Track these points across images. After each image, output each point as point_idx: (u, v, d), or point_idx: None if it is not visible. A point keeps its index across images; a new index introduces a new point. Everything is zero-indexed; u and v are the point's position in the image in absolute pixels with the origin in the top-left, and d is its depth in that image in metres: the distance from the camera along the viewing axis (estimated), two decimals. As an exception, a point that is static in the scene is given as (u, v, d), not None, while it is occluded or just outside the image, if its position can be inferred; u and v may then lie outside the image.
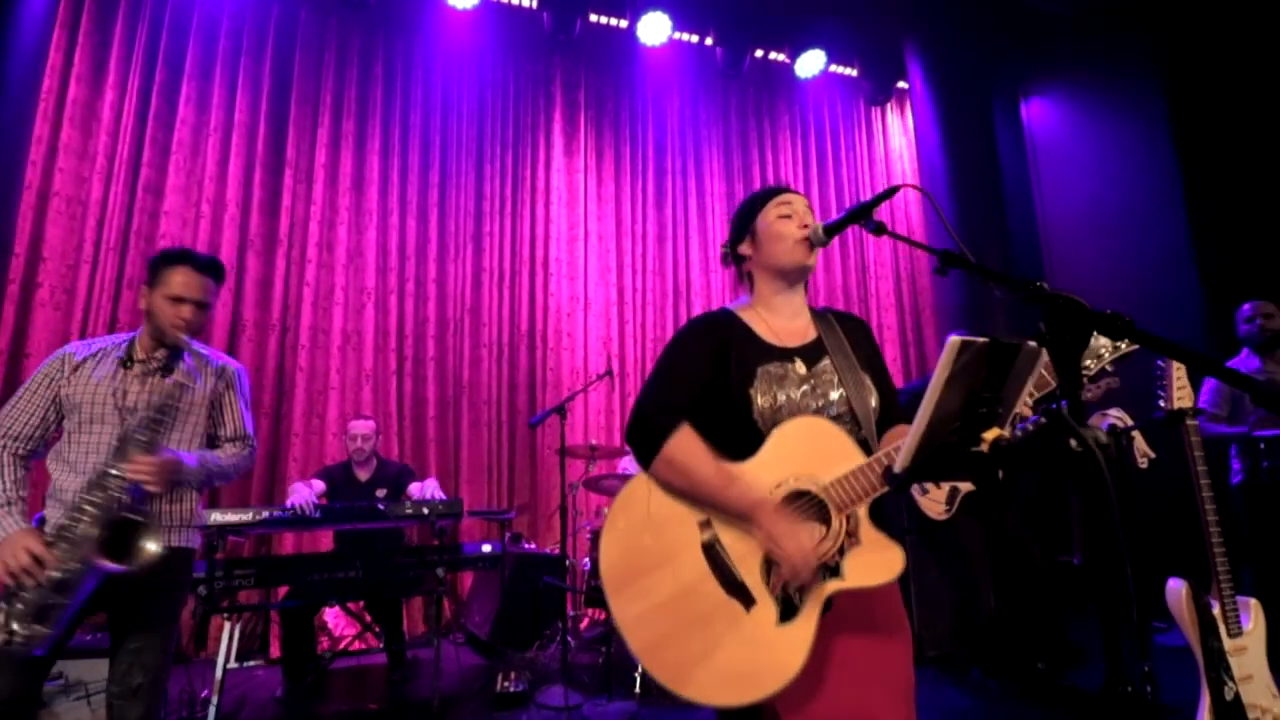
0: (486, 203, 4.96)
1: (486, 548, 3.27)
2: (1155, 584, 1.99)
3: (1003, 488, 3.29)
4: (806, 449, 1.19)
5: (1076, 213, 5.13)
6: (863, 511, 1.15)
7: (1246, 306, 3.30)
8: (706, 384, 1.29)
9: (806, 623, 1.11)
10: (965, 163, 4.84)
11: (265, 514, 2.80)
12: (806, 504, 1.17)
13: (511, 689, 3.13)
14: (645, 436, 1.23)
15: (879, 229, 1.26)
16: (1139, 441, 1.60)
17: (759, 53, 5.47)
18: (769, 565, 1.14)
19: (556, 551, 4.23)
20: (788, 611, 1.12)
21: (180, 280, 1.77)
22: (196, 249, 4.01)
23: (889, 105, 6.18)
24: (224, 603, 2.82)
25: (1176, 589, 1.71)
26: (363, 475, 3.61)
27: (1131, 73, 4.73)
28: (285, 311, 4.32)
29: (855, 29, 5.46)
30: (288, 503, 2.87)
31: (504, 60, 5.15)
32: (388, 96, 4.78)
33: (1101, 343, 1.11)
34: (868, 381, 1.30)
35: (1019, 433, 1.07)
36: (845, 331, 1.37)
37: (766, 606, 1.13)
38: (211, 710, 2.64)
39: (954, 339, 1.03)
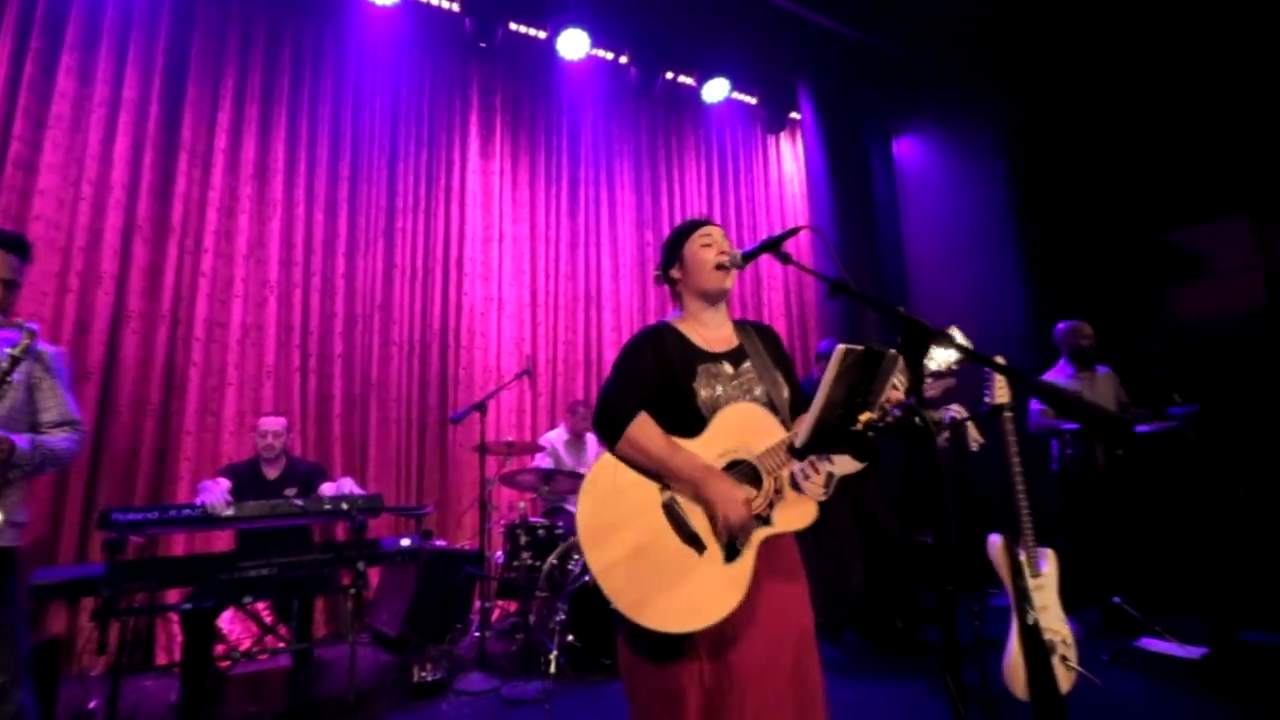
0: (399, 199, 4.93)
1: (406, 542, 3.33)
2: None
3: (867, 473, 3.81)
4: (742, 428, 1.51)
5: (934, 237, 5.92)
6: (786, 474, 1.48)
7: (1064, 325, 4.03)
8: (655, 381, 1.56)
9: (746, 562, 1.41)
10: (846, 190, 5.46)
11: (173, 512, 2.72)
12: (744, 469, 1.49)
13: (429, 678, 3.21)
14: (611, 424, 1.49)
15: (785, 259, 1.58)
16: (971, 429, 2.04)
17: (669, 75, 5.84)
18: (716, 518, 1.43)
19: (467, 547, 4.33)
20: (731, 554, 1.42)
21: None
22: (75, 232, 3.79)
23: (782, 134, 6.77)
24: (122, 604, 2.70)
25: (995, 541, 2.21)
26: (271, 473, 3.54)
27: (979, 121, 5.56)
28: (177, 303, 4.09)
29: (756, 62, 5.98)
30: (197, 500, 2.80)
31: (421, 59, 5.15)
32: (295, 85, 4.64)
33: (946, 349, 1.47)
34: (780, 379, 1.63)
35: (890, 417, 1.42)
36: (760, 339, 1.69)
37: (715, 551, 1.42)
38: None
39: (841, 346, 1.36)
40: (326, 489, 3.40)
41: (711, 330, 1.65)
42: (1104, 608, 3.72)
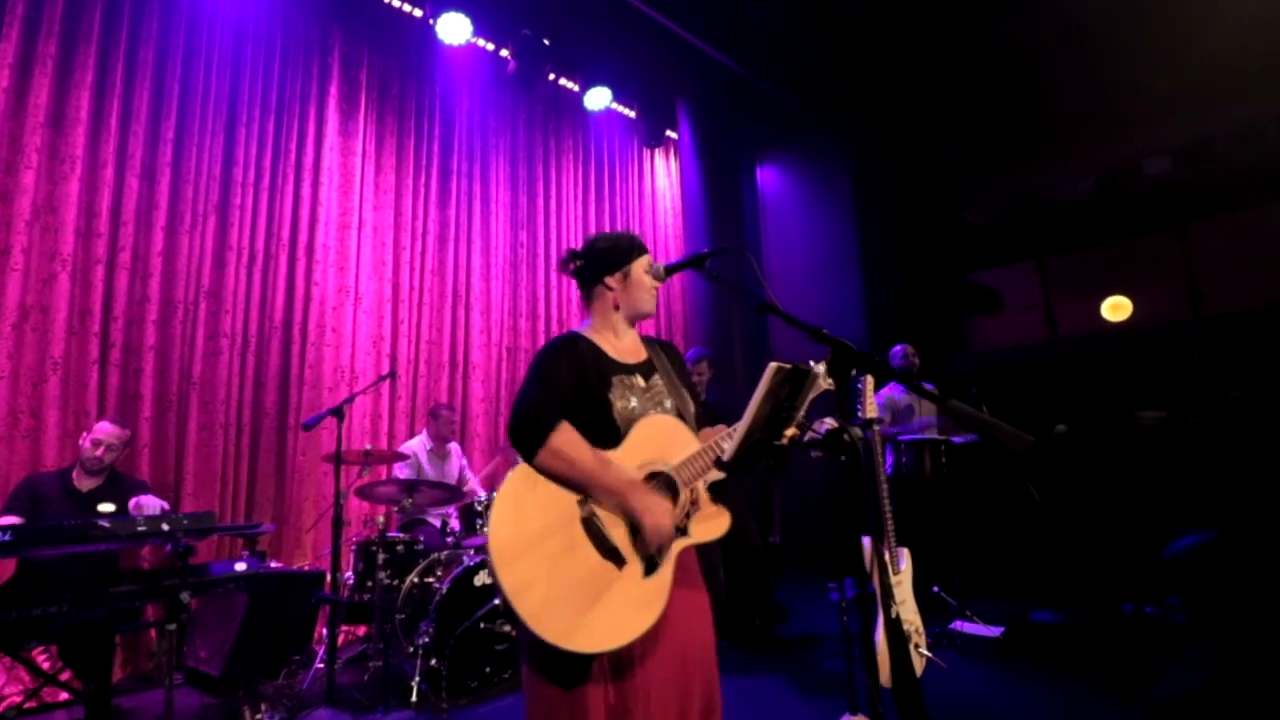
0: (238, 170, 4.31)
1: (241, 566, 2.89)
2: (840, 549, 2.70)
3: (729, 481, 4.02)
4: (659, 440, 1.51)
5: (789, 262, 6.42)
6: (702, 485, 1.49)
7: (898, 348, 4.56)
8: (572, 389, 1.51)
9: (664, 575, 1.40)
10: (719, 209, 5.73)
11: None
12: (660, 481, 1.48)
13: (266, 721, 2.82)
14: (530, 433, 1.41)
15: (711, 276, 1.62)
16: (845, 441, 2.23)
17: (552, 76, 5.74)
18: (635, 531, 1.40)
19: (305, 569, 3.88)
20: (650, 567, 1.40)
21: None
22: None
23: (658, 150, 6.94)
24: None
25: (865, 543, 2.43)
26: (85, 485, 2.96)
27: (831, 165, 6.15)
28: (-77, 272, 3.23)
29: (638, 76, 6.08)
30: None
31: (271, 12, 4.55)
32: (110, 22, 3.87)
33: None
34: (685, 394, 1.66)
35: (817, 434, 1.49)
36: (665, 355, 1.72)
37: (634, 565, 1.39)
38: None
39: (772, 365, 1.40)
40: (130, 506, 2.87)
41: (624, 343, 1.66)
42: (926, 596, 4.23)
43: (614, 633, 1.32)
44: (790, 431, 1.46)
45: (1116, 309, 5.34)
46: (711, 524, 1.49)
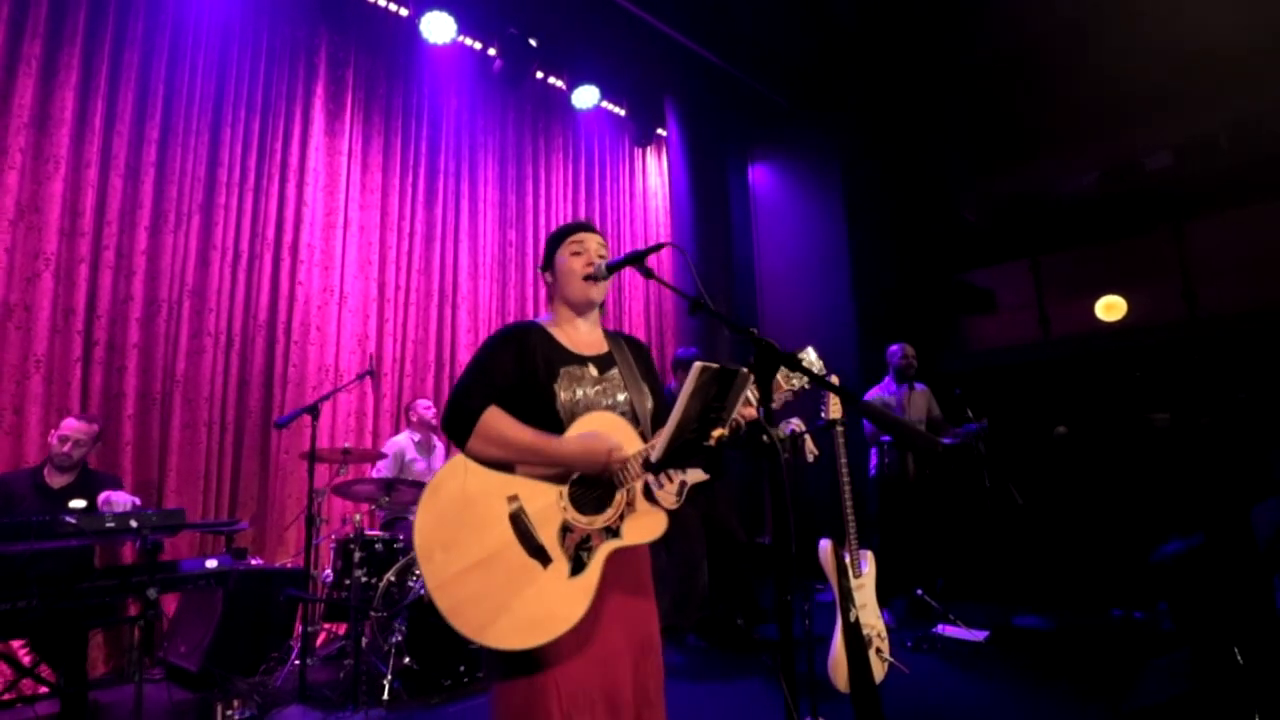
0: (223, 170, 4.34)
1: (212, 563, 2.90)
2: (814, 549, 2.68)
3: (715, 480, 3.98)
4: None
5: (781, 261, 6.38)
6: (639, 485, 1.46)
7: (896, 347, 4.49)
8: (512, 379, 1.49)
9: (591, 575, 1.38)
10: (706, 208, 5.70)
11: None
12: (597, 481, 1.44)
13: (236, 717, 2.84)
14: (460, 419, 1.40)
15: (647, 273, 1.59)
16: (809, 442, 2.20)
17: (540, 75, 5.73)
18: (564, 530, 1.39)
19: (288, 566, 3.90)
20: (577, 567, 1.37)
21: None
22: None
23: (649, 148, 6.92)
24: None
25: (825, 546, 2.40)
26: (56, 482, 2.99)
27: (822, 163, 6.09)
28: (-95, 271, 3.27)
29: (626, 74, 6.06)
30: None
31: (258, 13, 4.58)
32: (95, 24, 3.90)
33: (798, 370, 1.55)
34: (645, 389, 1.62)
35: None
36: (630, 350, 1.68)
37: (560, 564, 1.37)
38: None
39: (697, 364, 1.38)
40: (100, 500, 2.89)
41: (581, 334, 1.62)
42: (909, 599, 4.19)
43: (534, 630, 1.30)
44: (718, 432, 1.43)
45: (1110, 309, 5.27)
46: (645, 526, 1.46)
